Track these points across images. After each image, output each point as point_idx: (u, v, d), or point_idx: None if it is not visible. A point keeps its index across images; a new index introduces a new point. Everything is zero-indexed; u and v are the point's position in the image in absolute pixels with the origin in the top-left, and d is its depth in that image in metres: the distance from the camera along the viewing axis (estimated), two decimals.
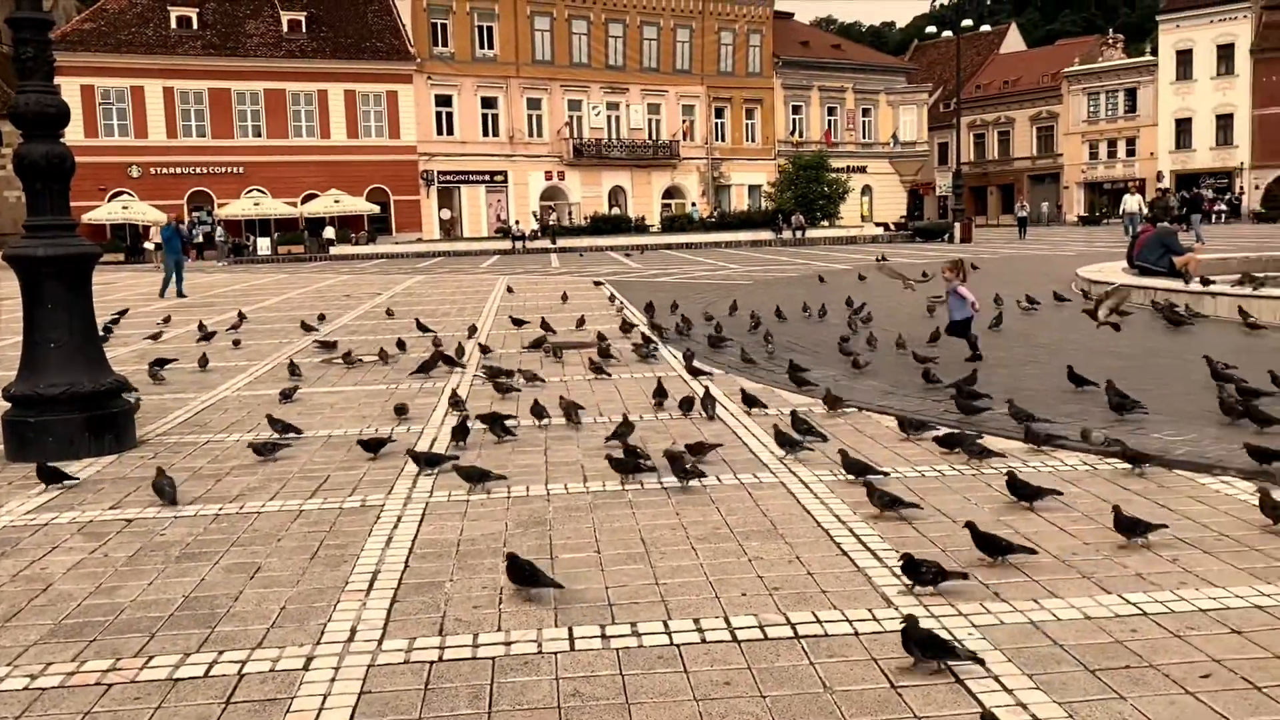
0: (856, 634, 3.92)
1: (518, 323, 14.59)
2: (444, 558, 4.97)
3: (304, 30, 50.93)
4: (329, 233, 47.51)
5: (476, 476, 6.08)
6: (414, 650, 3.91)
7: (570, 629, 4.05)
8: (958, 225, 46.19)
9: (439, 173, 52.76)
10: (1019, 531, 5.02)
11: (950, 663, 3.58)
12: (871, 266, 21.42)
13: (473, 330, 14.06)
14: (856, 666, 3.65)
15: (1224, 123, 65.76)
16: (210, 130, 48.71)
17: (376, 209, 50.77)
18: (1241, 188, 64.31)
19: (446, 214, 53.78)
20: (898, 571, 4.44)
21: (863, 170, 63.63)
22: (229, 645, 4.00)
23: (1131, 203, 38.00)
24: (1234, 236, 38.09)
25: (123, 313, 17.51)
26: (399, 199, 52.00)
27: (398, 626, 4.14)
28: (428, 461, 6.51)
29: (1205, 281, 14.14)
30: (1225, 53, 65.45)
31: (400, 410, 8.33)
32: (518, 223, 49.95)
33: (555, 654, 3.84)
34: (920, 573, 4.26)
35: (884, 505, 5.32)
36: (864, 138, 65.66)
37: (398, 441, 7.42)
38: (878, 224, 57.04)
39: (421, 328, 14.29)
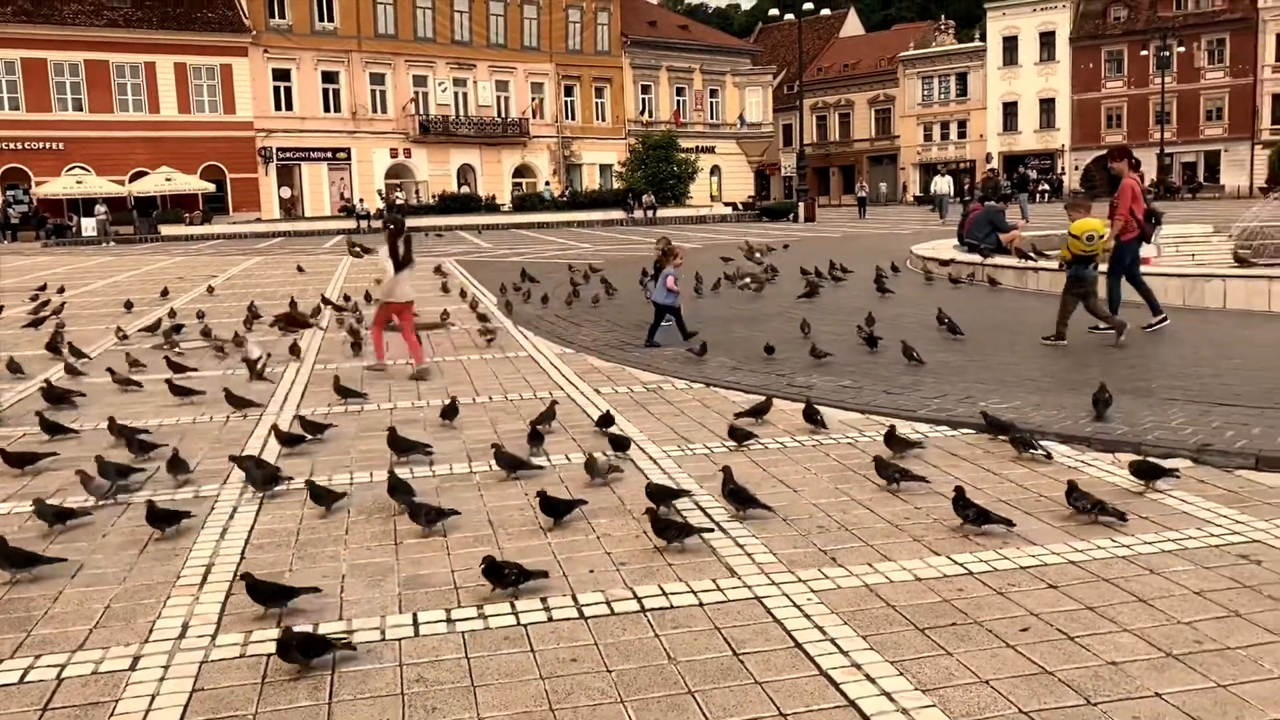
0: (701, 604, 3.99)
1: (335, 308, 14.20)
2: (283, 548, 4.81)
3: None
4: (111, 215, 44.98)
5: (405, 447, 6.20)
6: (250, 644, 3.77)
7: (415, 614, 3.98)
8: (802, 205, 47.42)
9: (278, 150, 50.71)
10: (858, 501, 5.20)
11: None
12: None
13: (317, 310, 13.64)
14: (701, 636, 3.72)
15: (1046, 107, 69.45)
16: (24, 103, 45.41)
17: (212, 187, 48.42)
18: (1063, 168, 68.21)
19: (287, 192, 51.79)
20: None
21: (711, 151, 64.45)
22: (47, 649, 3.77)
23: (942, 184, 39.86)
24: (1055, 215, 40.41)
25: None
26: (236, 177, 49.73)
27: (233, 620, 3.99)
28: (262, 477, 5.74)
29: (1027, 255, 14.94)
30: (1047, 40, 69.05)
31: (236, 403, 7.98)
32: (362, 201, 48.57)
33: (399, 640, 3.77)
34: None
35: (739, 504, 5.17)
36: (712, 119, 66.50)
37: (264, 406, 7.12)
38: (726, 204, 57.95)
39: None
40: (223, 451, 6.52)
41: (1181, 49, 62.05)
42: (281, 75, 50.83)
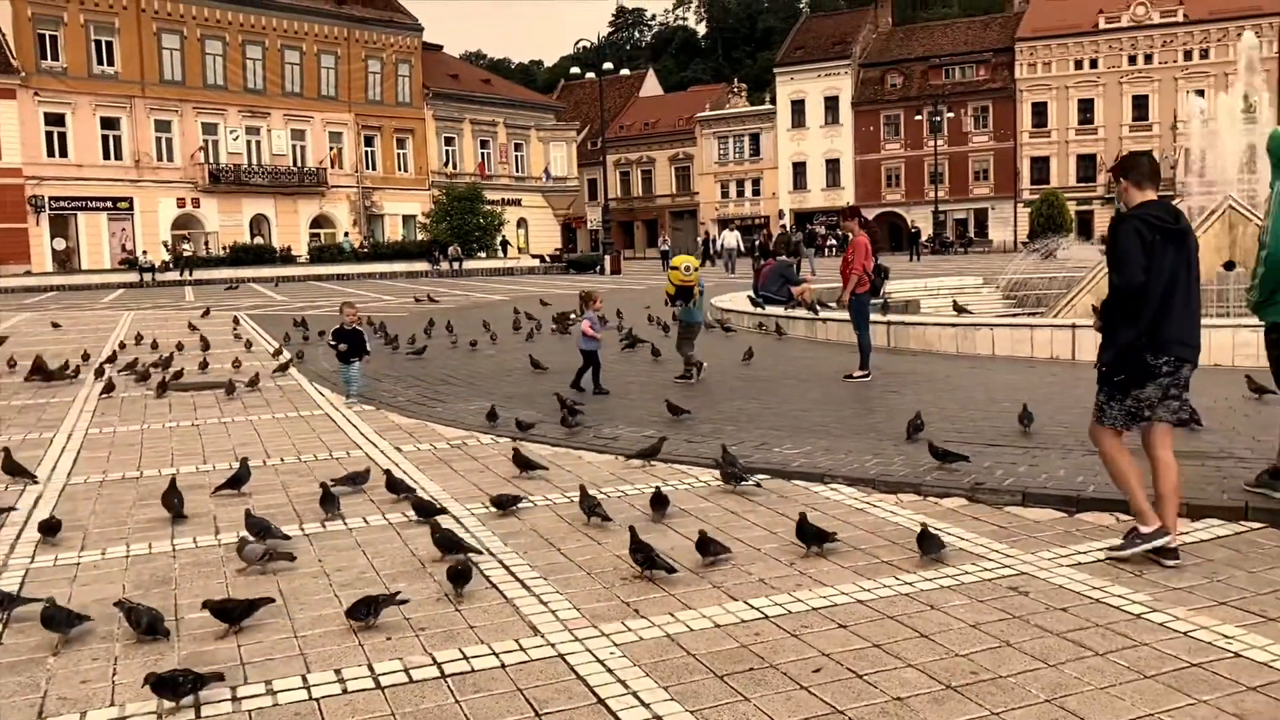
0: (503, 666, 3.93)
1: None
2: (42, 632, 4.40)
3: None
4: None
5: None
6: None
7: (197, 696, 3.72)
8: (608, 258, 48.24)
9: (51, 198, 47.36)
10: (658, 548, 5.26)
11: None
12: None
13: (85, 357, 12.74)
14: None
15: (832, 166, 73.66)
16: None
17: None
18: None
19: (61, 243, 48.37)
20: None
21: (517, 203, 64.73)
22: None
23: (730, 239, 41.62)
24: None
25: None
26: (2, 227, 46.08)
27: None
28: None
29: (813, 307, 15.70)
30: (832, 104, 73.43)
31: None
32: (145, 253, 45.92)
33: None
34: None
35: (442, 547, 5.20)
36: (517, 171, 66.87)
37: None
38: (534, 256, 58.23)
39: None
40: None
41: (951, 115, 67.28)
42: (55, 120, 47.75)
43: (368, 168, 58.86)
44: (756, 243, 36.01)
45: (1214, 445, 6.91)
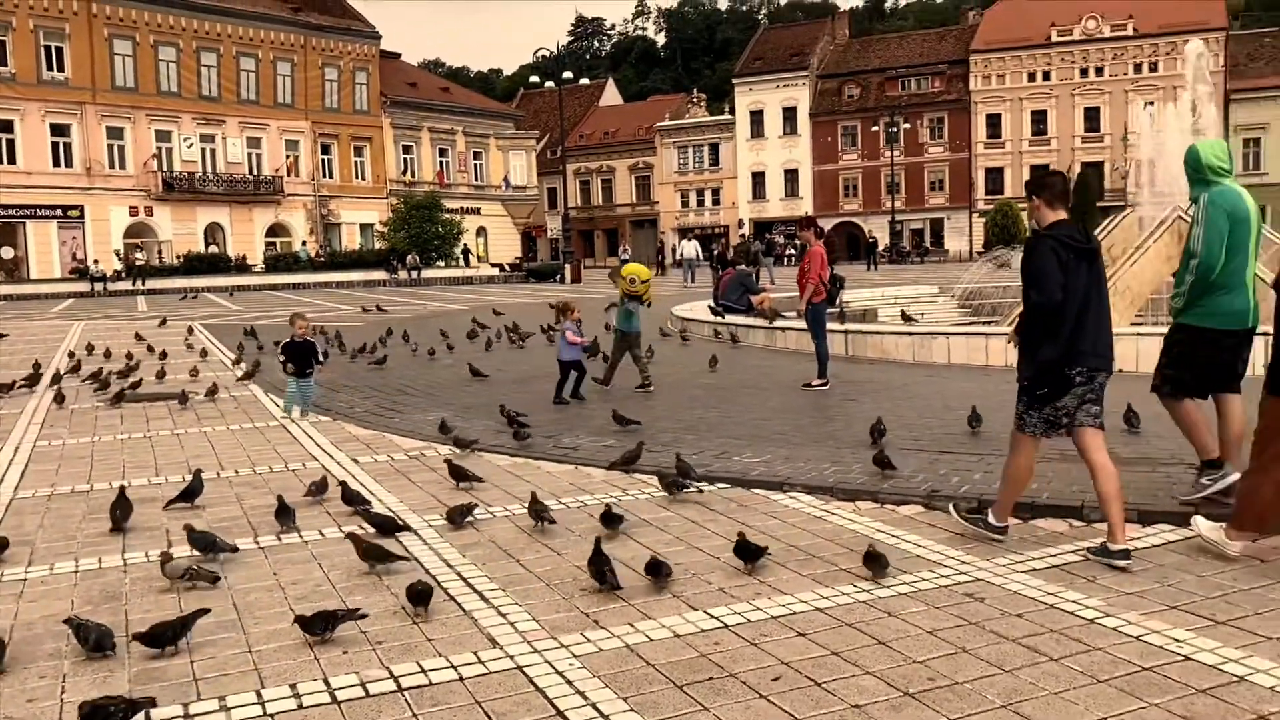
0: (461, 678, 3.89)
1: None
2: None
3: None
4: None
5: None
6: None
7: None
8: (568, 266, 48.18)
9: None
10: (618, 559, 5.25)
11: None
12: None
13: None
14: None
15: (791, 176, 74.21)
16: None
17: None
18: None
19: (9, 252, 47.41)
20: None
21: (476, 212, 64.45)
22: None
23: (688, 248, 41.80)
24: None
25: None
26: None
27: None
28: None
29: (773, 316, 15.78)
30: (790, 115, 73.99)
31: None
32: (97, 262, 45.13)
33: None
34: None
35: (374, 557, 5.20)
36: (476, 180, 66.62)
37: None
38: (494, 265, 57.99)
39: None
40: None
41: (907, 126, 68.11)
42: (4, 126, 46.88)
43: (325, 176, 58.33)
44: (715, 252, 36.17)
45: (1164, 451, 7.03)
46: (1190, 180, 5.96)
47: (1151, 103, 55.07)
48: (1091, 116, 66.45)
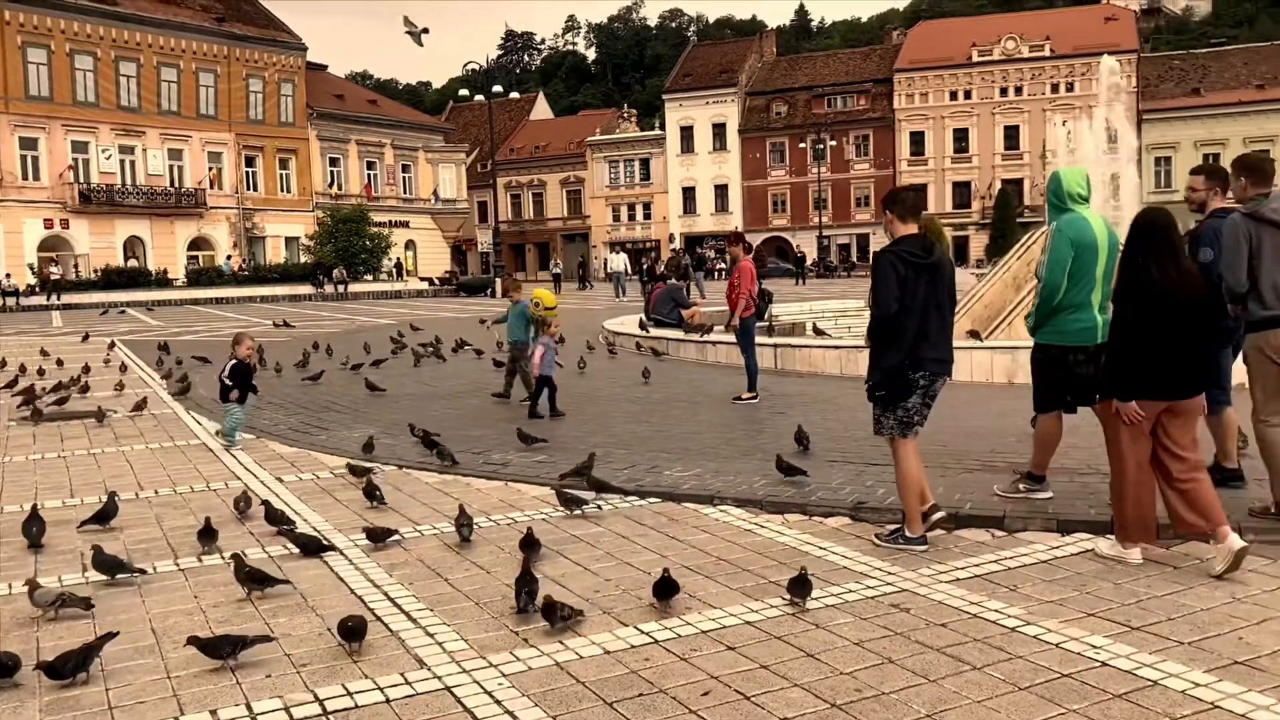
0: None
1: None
2: None
3: None
4: None
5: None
6: None
7: None
8: (499, 280, 47.92)
9: None
10: (548, 576, 5.22)
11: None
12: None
13: None
14: None
15: (721, 191, 74.89)
16: None
17: None
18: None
19: None
20: None
21: (405, 225, 63.83)
22: None
23: (617, 262, 41.87)
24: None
25: None
26: None
27: None
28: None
29: (704, 330, 15.89)
30: (719, 131, 74.72)
31: None
32: (9, 276, 43.70)
33: None
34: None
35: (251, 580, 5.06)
36: (405, 193, 65.98)
37: None
38: (423, 279, 57.43)
39: None
40: None
41: (834, 143, 69.24)
42: None
43: (249, 188, 57.30)
44: (644, 266, 36.25)
45: (1080, 462, 7.21)
46: (1049, 205, 6.19)
47: (1067, 120, 56.80)
48: (1011, 134, 68.24)
